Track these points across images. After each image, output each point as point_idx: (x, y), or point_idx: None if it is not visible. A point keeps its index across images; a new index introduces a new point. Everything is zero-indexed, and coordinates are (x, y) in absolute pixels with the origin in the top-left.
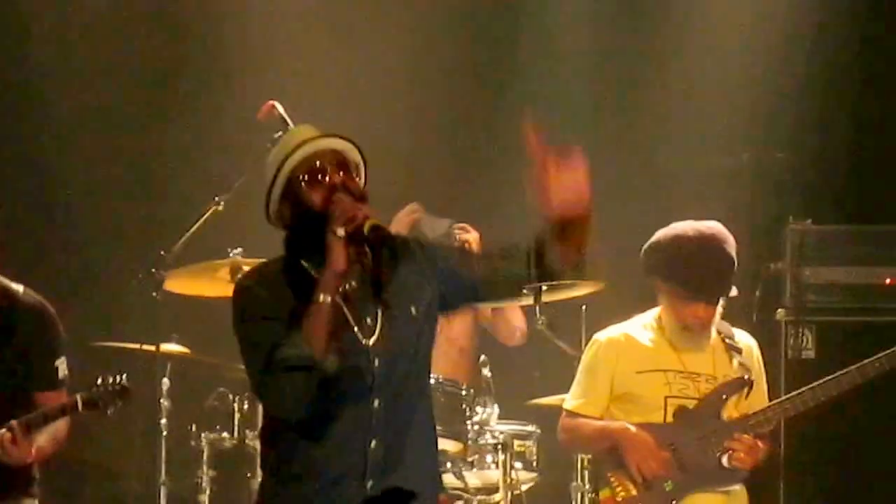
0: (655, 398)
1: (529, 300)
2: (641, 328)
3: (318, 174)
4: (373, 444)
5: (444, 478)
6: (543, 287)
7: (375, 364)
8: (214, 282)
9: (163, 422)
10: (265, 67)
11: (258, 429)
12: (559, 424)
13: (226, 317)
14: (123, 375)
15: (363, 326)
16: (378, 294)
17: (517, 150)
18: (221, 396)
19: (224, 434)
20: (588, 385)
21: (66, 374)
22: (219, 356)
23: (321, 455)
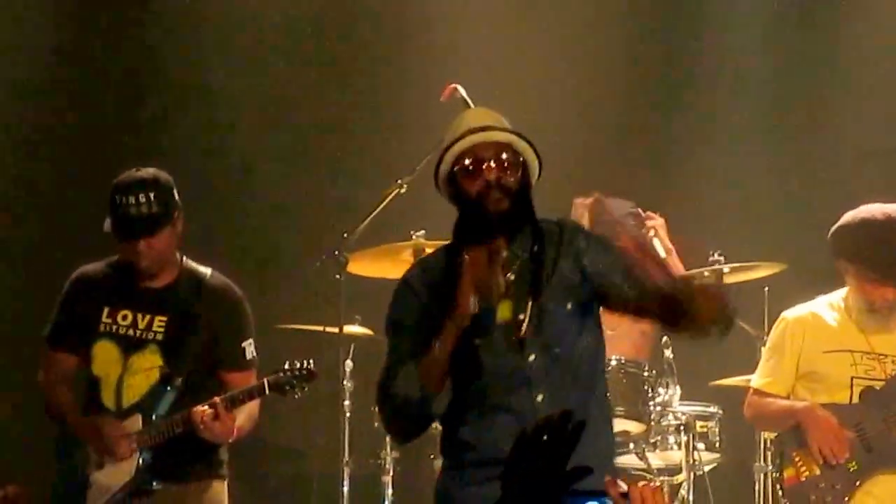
0: (841, 378)
1: (712, 281)
2: (828, 308)
3: (475, 167)
4: (544, 438)
5: (627, 458)
6: (726, 269)
7: (531, 358)
8: (397, 264)
9: (346, 403)
10: (448, 49)
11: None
12: (746, 401)
13: None
14: (310, 360)
15: (516, 321)
16: (535, 287)
17: (693, 137)
18: None
19: None
20: (775, 363)
21: (254, 356)
22: None
23: (494, 445)
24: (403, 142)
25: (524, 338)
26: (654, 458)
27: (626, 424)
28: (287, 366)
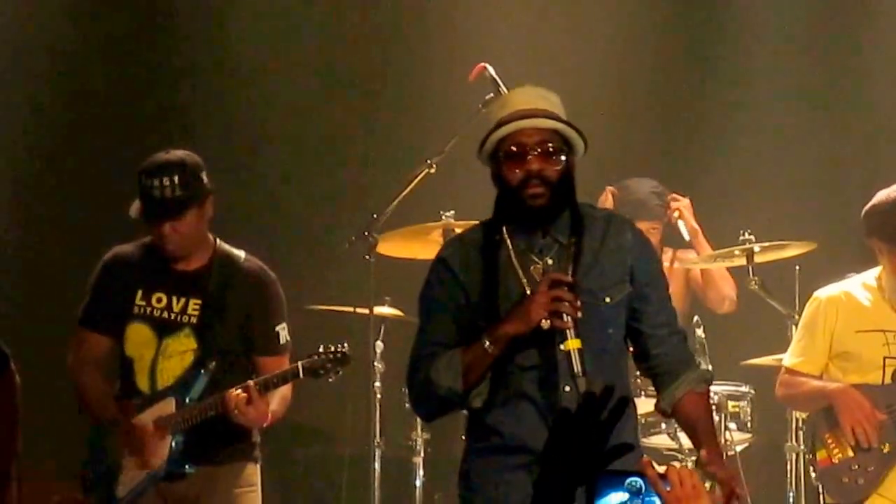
0: (874, 358)
1: (742, 261)
2: (861, 287)
3: (517, 155)
4: None
5: (658, 439)
6: (756, 248)
7: (560, 348)
8: (427, 244)
9: (377, 384)
10: (476, 29)
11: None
12: (777, 381)
13: None
14: (344, 343)
15: None
16: (572, 275)
17: (723, 115)
18: None
19: None
20: (807, 343)
21: (288, 340)
22: None
23: (518, 433)
24: (433, 122)
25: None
26: (685, 439)
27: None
28: (321, 349)
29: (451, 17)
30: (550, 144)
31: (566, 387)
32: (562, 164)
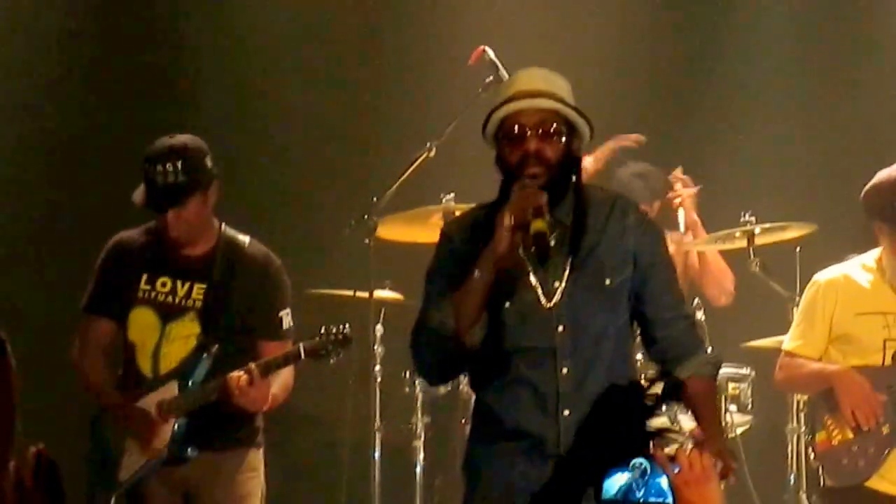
0: (874, 341)
1: (742, 243)
2: (861, 269)
3: (517, 135)
4: (565, 413)
5: (658, 421)
6: (757, 230)
7: (559, 329)
8: (427, 228)
9: (377, 368)
10: (476, 12)
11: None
12: (777, 364)
13: None
14: (346, 325)
15: (549, 290)
16: (573, 257)
17: (725, 98)
18: None
19: None
20: (806, 327)
21: (291, 326)
22: None
23: (516, 418)
24: (433, 105)
25: (555, 309)
26: (687, 421)
27: (658, 387)
28: (323, 331)
29: (451, 0)
30: (550, 125)
31: (564, 369)
32: (561, 145)
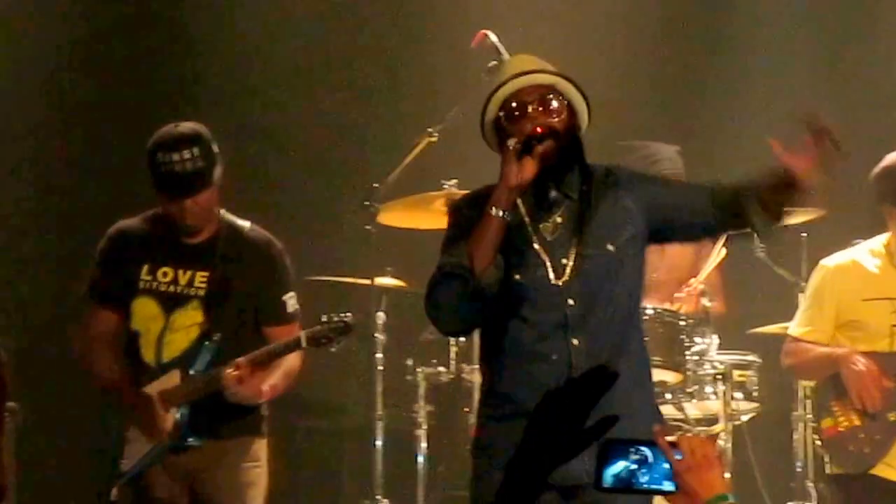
0: (881, 326)
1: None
2: (869, 254)
3: (519, 110)
4: None
5: (664, 409)
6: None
7: (569, 303)
8: (429, 214)
9: (378, 356)
10: None
11: (475, 362)
12: (783, 350)
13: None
14: (347, 313)
15: (557, 266)
16: (578, 232)
17: (730, 81)
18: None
19: (440, 368)
20: (814, 312)
21: (297, 309)
22: None
23: (526, 394)
24: (434, 90)
25: (564, 285)
26: (692, 409)
27: (663, 374)
28: (324, 318)
29: None
30: (551, 97)
31: (574, 340)
32: (564, 117)
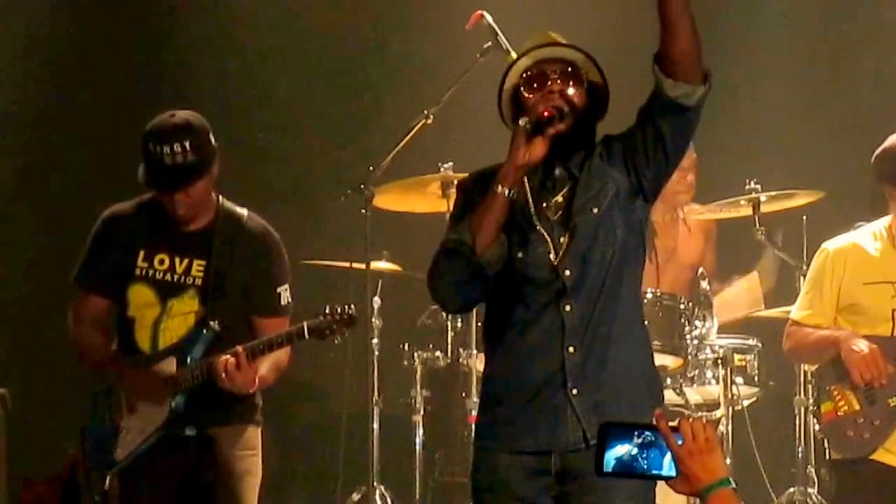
0: (882, 310)
1: (748, 211)
2: (870, 237)
3: (538, 81)
4: (570, 350)
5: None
6: (762, 197)
7: (566, 274)
8: (425, 197)
9: (374, 341)
10: None
11: (472, 347)
12: (784, 334)
13: (438, 232)
14: (351, 305)
15: (557, 245)
16: (572, 207)
17: (730, 63)
18: (434, 314)
19: (437, 353)
20: (814, 296)
21: (290, 302)
22: None
23: (521, 363)
24: (430, 71)
25: (561, 262)
26: (692, 394)
27: (663, 359)
28: (327, 310)
29: None
30: (571, 72)
31: (566, 306)
32: (583, 92)
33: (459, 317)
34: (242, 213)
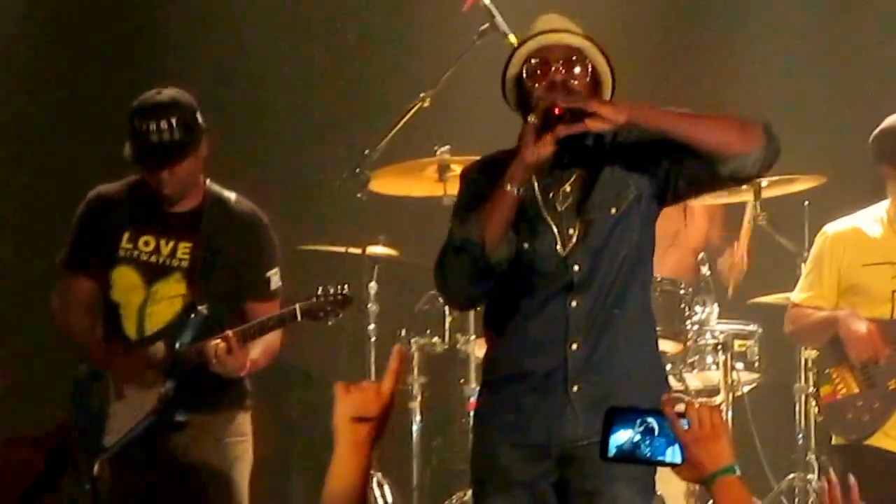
0: (882, 291)
1: (749, 196)
2: (871, 220)
3: (541, 68)
4: (573, 346)
5: None
6: (763, 182)
7: (574, 269)
8: (421, 181)
9: (371, 327)
10: None
11: (470, 333)
12: (786, 316)
13: (434, 216)
14: (345, 285)
15: (565, 236)
16: (584, 200)
17: (731, 46)
18: (432, 300)
19: (435, 339)
20: (815, 277)
21: (280, 286)
22: (428, 257)
23: (523, 354)
24: (426, 54)
25: (570, 252)
26: (692, 379)
27: (663, 344)
28: (320, 291)
29: None
30: (575, 59)
31: (573, 302)
32: (587, 82)
33: None
34: (230, 196)
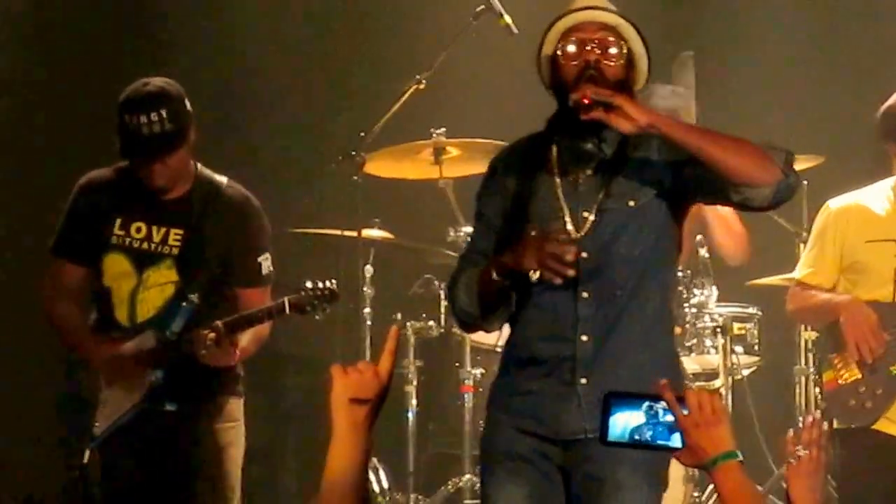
0: (884, 270)
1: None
2: (875, 196)
3: (577, 46)
4: (583, 338)
5: None
6: None
7: (582, 255)
8: (417, 163)
9: (366, 310)
10: None
11: None
12: (788, 294)
13: (430, 199)
14: (332, 280)
15: (578, 219)
16: (604, 187)
17: (730, 26)
18: (427, 283)
19: (430, 322)
20: (817, 253)
21: (271, 271)
22: (423, 241)
23: (534, 343)
24: (422, 36)
25: (582, 239)
26: (691, 363)
27: None
28: (309, 285)
29: None
30: (612, 40)
31: (584, 293)
32: (621, 65)
33: None
34: (222, 181)
